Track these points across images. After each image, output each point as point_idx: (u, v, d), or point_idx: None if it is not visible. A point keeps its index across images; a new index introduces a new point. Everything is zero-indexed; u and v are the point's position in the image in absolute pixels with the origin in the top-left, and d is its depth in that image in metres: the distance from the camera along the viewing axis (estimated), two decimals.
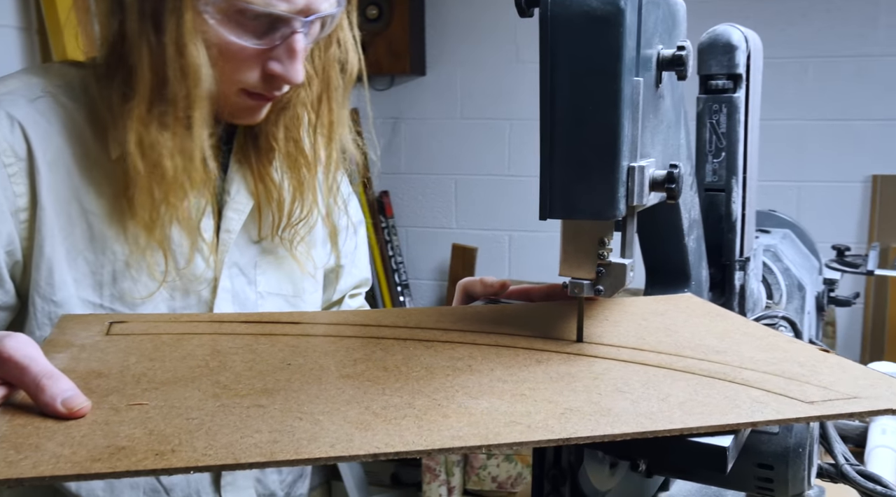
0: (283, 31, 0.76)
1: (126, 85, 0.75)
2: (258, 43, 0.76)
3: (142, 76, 0.73)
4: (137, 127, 0.73)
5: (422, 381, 0.57)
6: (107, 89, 0.76)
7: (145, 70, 0.73)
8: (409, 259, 3.26)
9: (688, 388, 0.55)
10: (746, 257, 1.04)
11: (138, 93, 0.73)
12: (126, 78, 0.75)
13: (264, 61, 0.77)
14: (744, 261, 1.04)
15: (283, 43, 0.76)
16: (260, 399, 0.54)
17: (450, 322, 0.71)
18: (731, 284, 1.03)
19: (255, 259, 0.90)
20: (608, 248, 0.62)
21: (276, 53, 0.77)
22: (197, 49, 0.72)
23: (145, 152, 0.74)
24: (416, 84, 3.15)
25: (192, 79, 0.73)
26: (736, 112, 1.00)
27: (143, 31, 0.73)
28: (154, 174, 0.75)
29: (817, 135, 2.77)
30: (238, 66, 0.76)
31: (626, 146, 0.59)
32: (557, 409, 0.52)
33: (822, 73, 2.75)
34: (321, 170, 0.90)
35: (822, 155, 2.78)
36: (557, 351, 0.63)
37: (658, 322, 0.71)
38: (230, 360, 0.62)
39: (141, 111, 0.73)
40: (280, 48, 0.77)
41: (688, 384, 0.56)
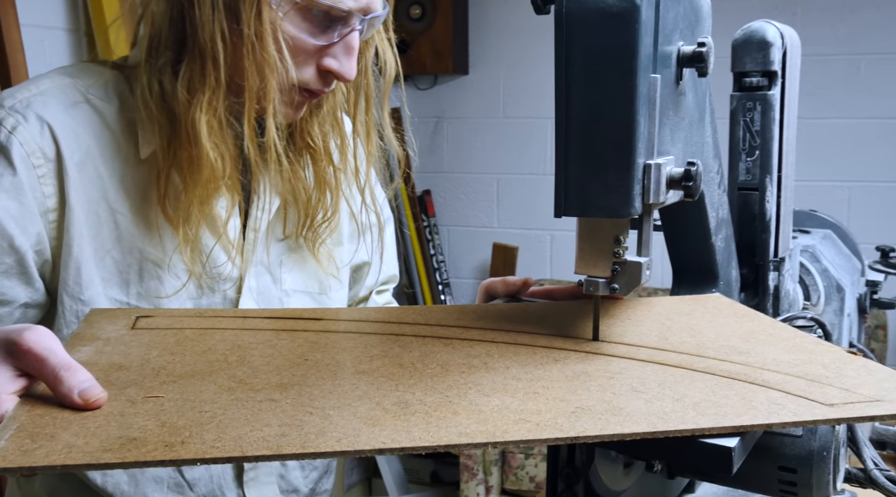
0: (343, 28, 0.77)
1: (191, 78, 0.76)
2: (320, 38, 0.77)
3: (213, 68, 0.74)
4: (209, 120, 0.74)
5: (436, 378, 0.58)
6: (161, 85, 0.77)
7: (220, 62, 0.74)
8: (451, 258, 3.26)
9: (705, 389, 0.54)
10: (781, 257, 1.02)
11: (209, 86, 0.74)
12: (193, 71, 0.75)
13: (321, 57, 0.78)
14: (778, 261, 1.02)
15: (341, 40, 0.78)
16: (273, 393, 0.55)
17: (471, 320, 0.71)
18: (765, 285, 1.01)
19: (281, 257, 0.91)
20: (624, 246, 0.62)
21: (334, 50, 0.78)
22: (277, 43, 0.74)
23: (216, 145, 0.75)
24: (459, 83, 3.14)
25: (268, 72, 0.74)
26: (770, 110, 0.98)
27: (217, 23, 0.73)
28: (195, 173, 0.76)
29: (869, 134, 2.70)
30: (299, 61, 0.77)
31: (641, 143, 0.59)
32: (569, 407, 0.52)
33: (873, 71, 2.67)
34: (351, 170, 0.91)
35: (873, 155, 2.70)
36: (576, 350, 0.63)
37: (682, 322, 0.70)
38: (249, 354, 0.64)
39: (215, 103, 0.74)
40: (338, 45, 0.78)
41: (705, 385, 0.55)
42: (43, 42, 1.69)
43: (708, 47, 0.63)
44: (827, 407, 0.51)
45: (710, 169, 0.79)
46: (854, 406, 0.51)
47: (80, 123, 0.79)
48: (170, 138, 0.77)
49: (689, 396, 0.53)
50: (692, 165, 0.61)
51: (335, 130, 0.89)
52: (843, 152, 2.73)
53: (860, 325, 1.29)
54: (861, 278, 1.29)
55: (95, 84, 0.81)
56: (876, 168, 2.70)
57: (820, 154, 2.72)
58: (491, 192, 3.18)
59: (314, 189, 0.89)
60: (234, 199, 0.82)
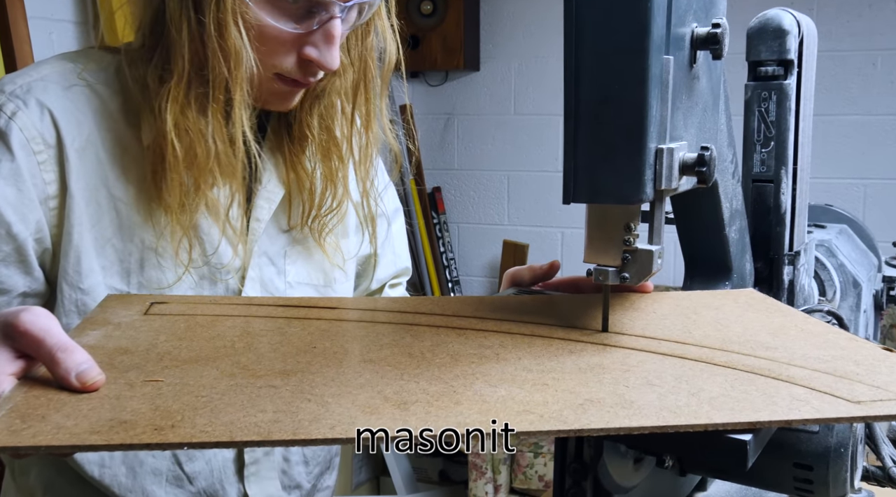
0: (322, 15, 0.76)
1: (164, 66, 0.75)
2: (296, 27, 0.75)
3: (180, 56, 0.73)
4: (174, 109, 0.73)
5: (444, 367, 0.56)
6: (142, 72, 0.77)
7: (185, 50, 0.73)
8: (461, 255, 3.25)
9: (724, 383, 0.52)
10: (796, 251, 1.00)
11: (176, 73, 0.73)
12: (164, 59, 0.75)
13: (301, 46, 0.77)
14: (793, 255, 1.00)
15: (320, 28, 0.76)
16: (275, 380, 0.54)
17: (488, 311, 0.70)
18: (780, 279, 0.99)
19: (285, 248, 0.90)
20: (635, 233, 0.60)
21: (313, 39, 0.77)
22: (238, 30, 0.72)
23: (181, 135, 0.74)
24: (470, 79, 3.13)
25: (232, 60, 0.72)
26: (786, 100, 0.96)
27: (184, 10, 0.73)
28: (188, 159, 0.75)
29: (885, 131, 2.66)
30: (275, 49, 0.76)
31: (653, 127, 0.57)
32: (577, 399, 0.50)
33: (890, 67, 2.64)
34: (355, 159, 0.90)
35: (890, 152, 2.67)
36: (594, 342, 0.61)
37: (710, 316, 0.68)
38: (258, 341, 0.63)
39: (179, 92, 0.73)
40: (317, 33, 0.76)
41: (725, 379, 0.53)
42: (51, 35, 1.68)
43: (723, 29, 0.61)
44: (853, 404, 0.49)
45: (725, 157, 0.77)
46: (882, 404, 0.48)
47: (82, 109, 0.78)
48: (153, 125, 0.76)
49: (706, 391, 0.51)
50: (706, 150, 0.58)
51: (338, 120, 0.87)
52: (859, 149, 2.69)
53: (876, 322, 1.27)
54: (878, 274, 1.26)
55: (98, 69, 0.80)
56: (893, 165, 2.66)
57: (836, 151, 2.69)
58: (502, 189, 3.16)
59: (318, 179, 0.88)
60: (233, 187, 0.80)
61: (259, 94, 0.79)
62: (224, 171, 0.77)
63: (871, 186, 2.69)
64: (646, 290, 0.73)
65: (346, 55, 0.83)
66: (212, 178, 0.77)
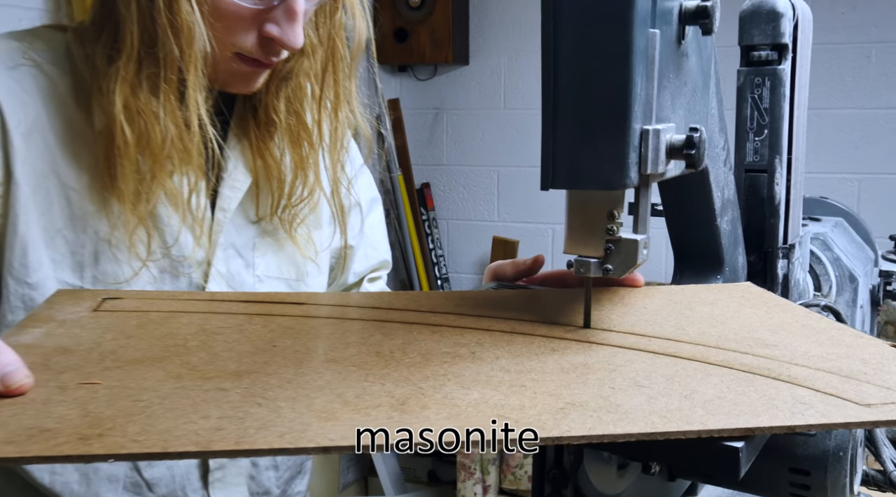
0: None
1: (113, 45, 0.70)
2: (255, 2, 0.71)
3: (129, 33, 0.68)
4: (124, 90, 0.68)
5: (413, 367, 0.52)
6: (90, 51, 0.72)
7: (133, 26, 0.68)
8: (450, 252, 3.21)
9: (720, 385, 0.47)
10: (791, 244, 0.96)
11: (125, 52, 0.68)
12: (113, 37, 0.70)
13: (261, 23, 0.72)
14: (788, 248, 0.96)
15: (281, 3, 0.71)
16: (225, 382, 0.49)
17: (468, 307, 0.65)
18: (773, 273, 0.95)
19: (254, 240, 0.85)
20: (618, 221, 0.55)
21: (274, 15, 0.72)
22: (190, 4, 0.67)
23: (132, 118, 0.69)
24: (459, 74, 3.09)
25: (184, 37, 0.67)
26: (780, 85, 0.92)
27: None
28: (141, 144, 0.70)
29: (879, 125, 2.63)
30: (233, 26, 0.71)
31: (638, 106, 0.52)
32: (557, 403, 0.45)
33: (885, 60, 2.60)
34: (326, 145, 0.85)
35: (884, 146, 2.63)
36: (579, 340, 0.57)
37: (704, 312, 0.63)
38: (213, 339, 0.58)
39: (128, 72, 0.68)
40: (278, 10, 0.71)
41: (721, 380, 0.48)
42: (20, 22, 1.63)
43: (713, 2, 0.57)
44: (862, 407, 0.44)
45: (716, 143, 0.73)
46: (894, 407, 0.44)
47: (28, 90, 0.73)
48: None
49: (700, 393, 0.46)
50: (695, 131, 0.54)
51: (307, 103, 0.82)
52: (852, 143, 2.66)
53: (873, 318, 1.23)
54: (874, 268, 1.23)
55: (46, 48, 0.75)
56: (887, 159, 2.63)
57: (829, 145, 2.66)
58: (491, 185, 3.12)
59: (288, 166, 0.83)
60: (198, 175, 0.75)
61: (218, 75, 0.74)
62: (184, 157, 0.72)
63: (866, 181, 2.66)
64: (636, 284, 0.69)
65: (314, 34, 0.79)
66: (170, 165, 0.72)
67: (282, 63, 0.78)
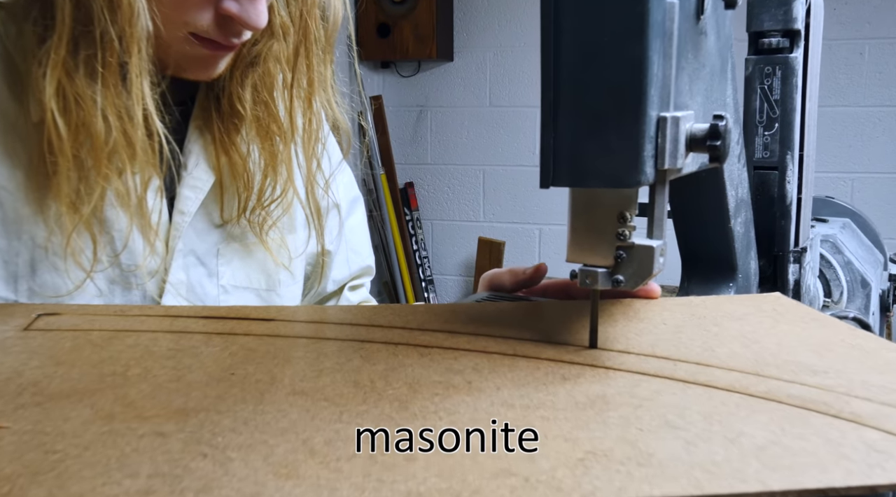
0: None
1: (44, 22, 0.61)
2: None
3: (61, 9, 0.59)
4: (56, 74, 0.60)
5: (398, 402, 0.43)
6: (19, 30, 0.63)
7: (65, 3, 0.59)
8: (434, 253, 3.14)
9: (770, 425, 0.39)
10: (803, 247, 0.88)
11: (57, 31, 0.59)
12: (44, 13, 0.61)
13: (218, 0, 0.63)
14: (799, 252, 0.89)
15: None
16: (166, 424, 0.41)
17: (462, 323, 0.57)
18: (784, 279, 0.88)
19: (218, 246, 0.76)
20: (630, 225, 0.47)
21: None
22: None
23: (68, 108, 0.60)
24: (444, 70, 3.02)
25: (122, 14, 0.58)
26: (792, 75, 0.85)
27: None
28: (79, 137, 0.61)
29: (873, 123, 2.58)
30: (184, 2, 0.62)
31: (654, 89, 0.44)
32: (575, 452, 0.37)
33: (879, 56, 2.55)
34: (299, 139, 0.76)
35: (878, 144, 2.58)
36: (593, 364, 0.48)
37: (734, 329, 0.55)
38: (159, 366, 0.49)
39: (60, 54, 0.59)
40: None
41: (770, 419, 0.39)
42: None
43: None
44: None
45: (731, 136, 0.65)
46: None
47: None
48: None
49: (749, 436, 0.38)
50: (720, 119, 0.46)
51: (278, 91, 0.74)
52: (846, 142, 2.61)
53: (882, 325, 1.16)
54: (884, 272, 1.16)
55: None
56: (881, 158, 2.58)
57: (822, 144, 2.60)
58: (477, 184, 3.06)
59: (257, 163, 0.74)
60: (152, 173, 0.67)
61: (171, 59, 0.65)
62: (134, 153, 0.63)
63: (859, 180, 2.61)
64: (651, 296, 0.60)
65: (284, 12, 0.70)
66: (118, 162, 0.63)
67: (247, 46, 0.70)
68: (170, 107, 0.65)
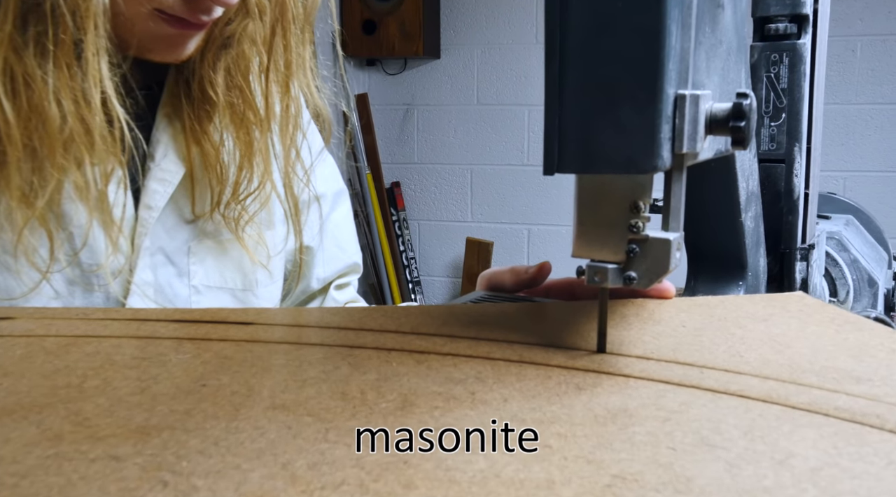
0: None
1: None
2: None
3: None
4: (3, 52, 0.54)
5: (391, 417, 0.38)
6: None
7: None
8: (422, 254, 3.09)
9: (821, 443, 0.33)
10: (811, 244, 0.84)
11: (3, 5, 0.54)
12: None
13: None
14: (807, 249, 0.84)
15: None
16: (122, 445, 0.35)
17: (461, 326, 0.51)
18: (791, 278, 0.84)
19: (189, 243, 0.71)
20: (644, 216, 0.42)
21: None
22: None
23: (17, 90, 0.55)
24: (430, 68, 2.98)
25: None
26: (801, 63, 0.81)
27: None
28: (32, 123, 0.56)
29: (865, 121, 2.55)
30: None
31: (672, 62, 0.40)
32: (601, 476, 0.31)
33: (871, 54, 2.53)
34: (276, 127, 0.71)
35: (871, 142, 2.56)
36: (609, 372, 0.43)
37: (759, 331, 0.49)
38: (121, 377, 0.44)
39: (7, 31, 0.54)
40: None
41: (820, 435, 0.34)
42: None
43: None
44: None
45: None
46: None
47: None
48: None
49: (800, 457, 0.32)
50: (744, 98, 0.42)
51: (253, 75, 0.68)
52: (837, 140, 2.58)
53: None
54: (889, 271, 1.12)
55: None
56: (873, 156, 2.56)
57: None
58: (464, 183, 3.02)
59: (231, 153, 0.69)
60: (116, 164, 0.61)
61: (133, 38, 0.60)
62: (92, 142, 0.58)
63: (851, 179, 2.58)
64: (666, 296, 0.55)
65: None
66: (76, 151, 0.58)
67: (219, 26, 0.64)
68: (133, 92, 0.60)
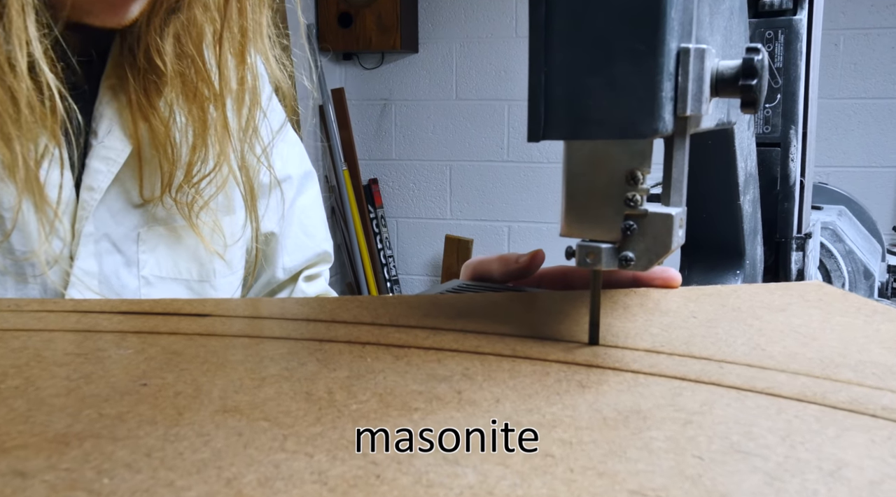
0: None
1: None
2: None
3: None
4: None
5: (363, 420, 0.32)
6: None
7: None
8: (400, 252, 3.05)
9: (874, 449, 0.28)
10: (807, 233, 0.80)
11: None
12: None
13: None
14: (803, 238, 0.80)
15: None
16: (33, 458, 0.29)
17: (446, 318, 0.45)
18: (787, 268, 0.80)
19: (138, 230, 0.65)
20: (643, 188, 0.37)
21: None
22: None
23: None
24: (408, 62, 2.94)
25: None
26: (797, 40, 0.77)
27: None
28: None
29: (848, 116, 2.53)
30: None
31: (675, 11, 0.35)
32: (616, 492, 0.25)
33: (853, 48, 2.51)
34: (230, 102, 0.65)
35: (854, 137, 2.54)
36: (615, 367, 0.37)
37: (779, 322, 0.44)
38: (47, 375, 0.38)
39: None
40: None
41: (871, 440, 0.29)
42: None
43: None
44: None
45: None
46: None
47: None
48: None
49: (853, 467, 0.27)
50: (755, 53, 0.37)
51: (207, 44, 0.63)
52: (820, 135, 2.56)
53: None
54: (882, 263, 1.08)
55: None
56: (855, 151, 2.54)
57: None
58: (443, 180, 2.98)
59: (183, 130, 0.63)
60: (51, 141, 0.55)
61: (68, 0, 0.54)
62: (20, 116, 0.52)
63: (834, 174, 2.56)
64: (671, 285, 0.50)
65: None
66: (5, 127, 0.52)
67: None
68: (68, 58, 0.54)
